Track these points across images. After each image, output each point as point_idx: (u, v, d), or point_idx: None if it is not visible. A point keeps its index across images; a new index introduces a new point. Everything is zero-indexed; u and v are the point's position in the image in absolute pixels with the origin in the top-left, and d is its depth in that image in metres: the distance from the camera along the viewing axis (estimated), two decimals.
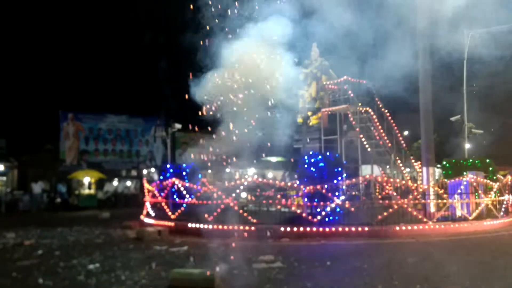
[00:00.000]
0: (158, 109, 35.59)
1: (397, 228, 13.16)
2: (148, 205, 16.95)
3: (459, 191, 14.67)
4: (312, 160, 14.27)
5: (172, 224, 14.71)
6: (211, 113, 14.27)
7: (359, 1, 15.29)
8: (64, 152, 33.63)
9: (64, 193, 28.62)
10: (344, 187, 14.03)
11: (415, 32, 15.87)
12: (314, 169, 14.10)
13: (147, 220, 16.26)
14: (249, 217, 13.68)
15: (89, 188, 28.90)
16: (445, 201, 14.56)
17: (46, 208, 25.80)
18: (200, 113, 14.73)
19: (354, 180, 14.91)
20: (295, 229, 12.93)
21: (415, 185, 15.06)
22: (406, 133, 29.93)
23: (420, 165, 18.12)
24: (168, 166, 17.81)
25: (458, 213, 14.56)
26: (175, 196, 15.76)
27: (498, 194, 15.45)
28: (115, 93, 37.39)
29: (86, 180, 29.00)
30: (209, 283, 7.05)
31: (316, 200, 13.65)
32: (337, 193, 13.66)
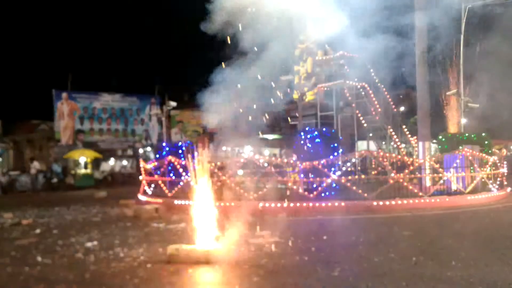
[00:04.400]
0: (153, 87, 35.41)
1: (393, 202, 13.25)
2: (144, 183, 16.97)
3: (454, 165, 14.74)
4: (308, 136, 14.27)
5: (169, 201, 14.75)
6: None
7: None
8: (59, 132, 33.50)
9: (60, 173, 28.61)
10: (340, 162, 14.06)
11: (411, 5, 15.72)
12: (310, 145, 14.11)
13: (144, 198, 16.31)
14: (245, 194, 13.72)
15: (85, 167, 28.87)
16: (440, 175, 14.64)
17: (43, 188, 25.82)
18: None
19: (350, 155, 14.93)
20: (291, 204, 12.99)
21: (411, 159, 15.11)
22: (402, 108, 29.89)
23: (416, 140, 18.17)
24: (164, 144, 17.76)
25: (454, 187, 14.64)
26: (171, 174, 15.78)
27: (493, 168, 15.54)
28: (109, 71, 37.12)
29: (82, 159, 28.94)
30: (207, 258, 7.11)
31: (312, 175, 13.69)
32: (333, 169, 13.69)
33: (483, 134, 17.04)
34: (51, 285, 6.34)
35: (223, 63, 14.14)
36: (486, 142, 16.64)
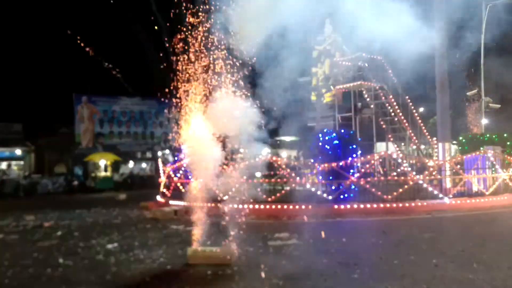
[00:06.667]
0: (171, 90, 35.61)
1: (413, 204, 13.12)
2: (163, 186, 17.09)
3: (475, 166, 14.53)
4: (327, 138, 14.21)
5: (187, 204, 14.79)
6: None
7: None
8: (80, 135, 33.97)
9: (80, 175, 29.01)
10: (359, 164, 13.97)
11: (431, 4, 15.54)
12: (328, 147, 14.04)
13: (163, 201, 16.42)
14: (264, 196, 13.72)
15: (105, 170, 29.25)
16: (461, 176, 14.44)
17: (64, 191, 26.20)
18: None
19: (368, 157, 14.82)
20: (310, 207, 12.94)
21: (431, 161, 14.93)
22: (421, 109, 29.57)
23: (435, 141, 17.96)
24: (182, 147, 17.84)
25: (475, 188, 14.43)
26: (190, 176, 15.85)
27: None
28: (128, 74, 37.41)
29: (102, 162, 29.32)
30: (225, 260, 7.13)
31: (330, 177, 13.62)
32: (351, 170, 13.61)
33: (505, 135, 16.74)
34: (73, 286, 6.43)
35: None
36: (508, 143, 16.35)
